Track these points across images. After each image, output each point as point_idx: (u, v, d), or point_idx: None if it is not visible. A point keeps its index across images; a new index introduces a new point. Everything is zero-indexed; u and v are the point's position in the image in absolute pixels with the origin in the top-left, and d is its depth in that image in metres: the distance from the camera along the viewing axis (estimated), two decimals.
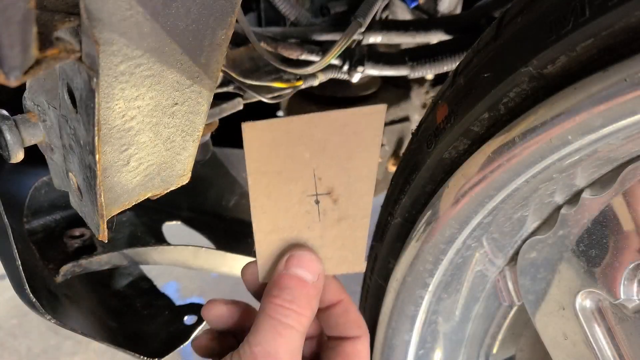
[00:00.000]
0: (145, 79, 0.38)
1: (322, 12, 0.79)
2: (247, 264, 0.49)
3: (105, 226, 0.44)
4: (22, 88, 0.43)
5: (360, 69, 0.74)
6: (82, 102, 0.37)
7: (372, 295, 0.71)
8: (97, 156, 0.39)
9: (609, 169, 0.48)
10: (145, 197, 0.47)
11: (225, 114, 0.69)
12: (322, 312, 0.50)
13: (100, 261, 0.66)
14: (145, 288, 0.85)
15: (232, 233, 0.85)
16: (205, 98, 0.44)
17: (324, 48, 0.73)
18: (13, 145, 0.44)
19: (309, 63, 0.72)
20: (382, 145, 0.96)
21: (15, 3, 0.29)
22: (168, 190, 0.49)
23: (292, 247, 0.46)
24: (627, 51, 0.37)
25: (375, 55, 0.75)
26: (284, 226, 0.45)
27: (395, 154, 1.00)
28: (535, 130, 0.43)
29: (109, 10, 0.33)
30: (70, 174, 0.46)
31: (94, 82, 0.35)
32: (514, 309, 0.63)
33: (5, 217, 0.58)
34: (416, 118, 1.03)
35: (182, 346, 0.80)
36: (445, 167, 0.55)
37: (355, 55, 0.74)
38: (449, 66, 0.75)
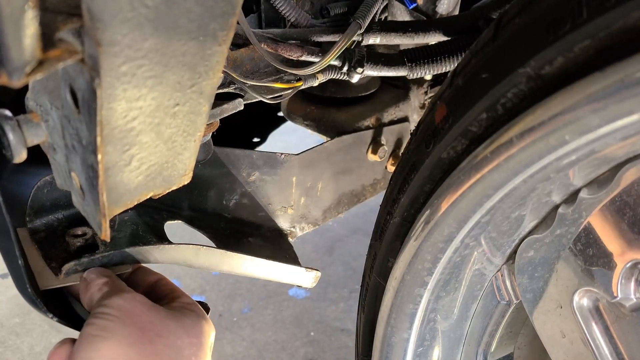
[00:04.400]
0: (147, 80, 0.38)
1: (322, 13, 0.80)
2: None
3: (107, 225, 0.45)
4: (24, 89, 0.43)
5: (359, 69, 0.75)
6: (85, 103, 0.38)
7: (371, 294, 0.71)
8: (99, 156, 0.39)
9: (606, 169, 0.48)
10: (147, 197, 0.47)
11: (226, 114, 0.69)
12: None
13: (102, 260, 0.66)
14: None
15: (233, 232, 0.85)
16: (207, 99, 0.44)
17: (323, 49, 0.73)
18: (16, 145, 0.44)
19: (309, 64, 0.72)
20: (382, 145, 0.96)
21: (17, 4, 0.29)
22: (169, 190, 0.49)
23: None
24: (624, 52, 0.38)
25: (375, 56, 0.75)
26: None
27: (394, 153, 1.00)
28: (533, 130, 0.44)
29: (111, 12, 0.33)
30: (72, 173, 0.46)
31: (96, 82, 0.35)
32: (512, 307, 0.64)
33: (8, 216, 0.59)
34: (415, 118, 1.03)
35: None
36: (444, 167, 0.55)
37: (355, 56, 0.74)
38: (448, 67, 0.75)
